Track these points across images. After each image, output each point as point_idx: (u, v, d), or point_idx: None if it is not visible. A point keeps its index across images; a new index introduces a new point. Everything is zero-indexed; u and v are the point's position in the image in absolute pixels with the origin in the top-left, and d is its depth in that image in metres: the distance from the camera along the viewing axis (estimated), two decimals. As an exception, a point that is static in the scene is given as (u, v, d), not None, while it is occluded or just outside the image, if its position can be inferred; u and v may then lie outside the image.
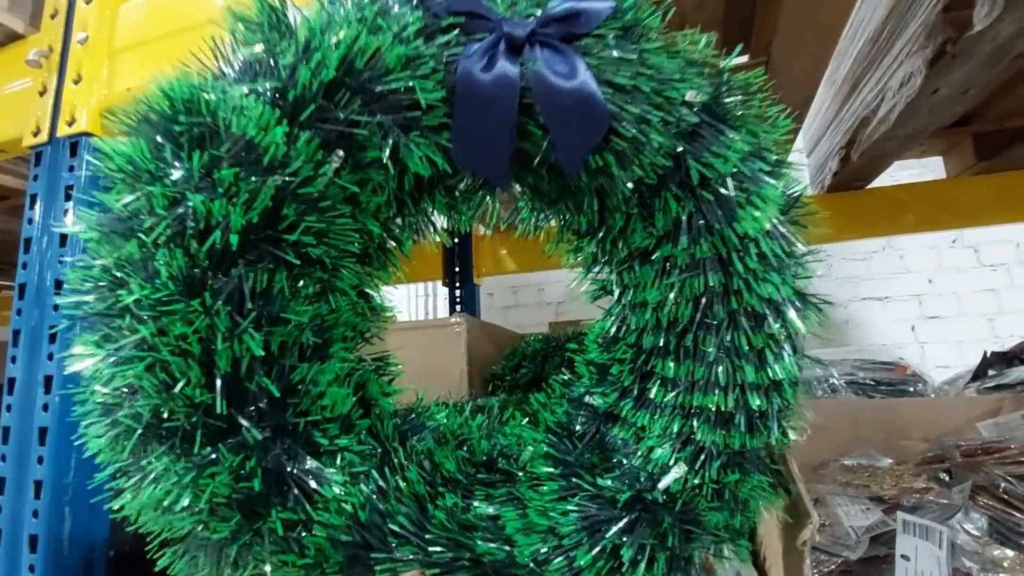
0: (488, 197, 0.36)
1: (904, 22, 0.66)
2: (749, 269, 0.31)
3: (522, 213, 0.38)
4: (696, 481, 0.32)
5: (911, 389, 1.31)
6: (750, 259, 0.31)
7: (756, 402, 0.32)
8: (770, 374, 0.32)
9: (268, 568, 0.28)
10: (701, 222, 0.32)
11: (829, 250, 1.95)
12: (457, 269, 1.44)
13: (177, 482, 0.27)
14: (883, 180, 1.14)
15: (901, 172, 1.23)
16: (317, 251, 0.30)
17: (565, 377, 0.40)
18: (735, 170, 0.31)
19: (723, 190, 0.31)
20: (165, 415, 0.27)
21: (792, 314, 0.32)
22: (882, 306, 2.00)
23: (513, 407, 0.43)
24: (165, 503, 0.27)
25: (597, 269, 0.38)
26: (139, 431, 0.27)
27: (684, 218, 0.32)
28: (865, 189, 1.16)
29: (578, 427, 0.38)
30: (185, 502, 0.26)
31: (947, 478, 0.78)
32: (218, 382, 0.27)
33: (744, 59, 0.81)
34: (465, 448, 0.37)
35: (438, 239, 0.37)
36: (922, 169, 1.35)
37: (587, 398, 0.38)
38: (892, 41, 0.73)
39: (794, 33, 0.70)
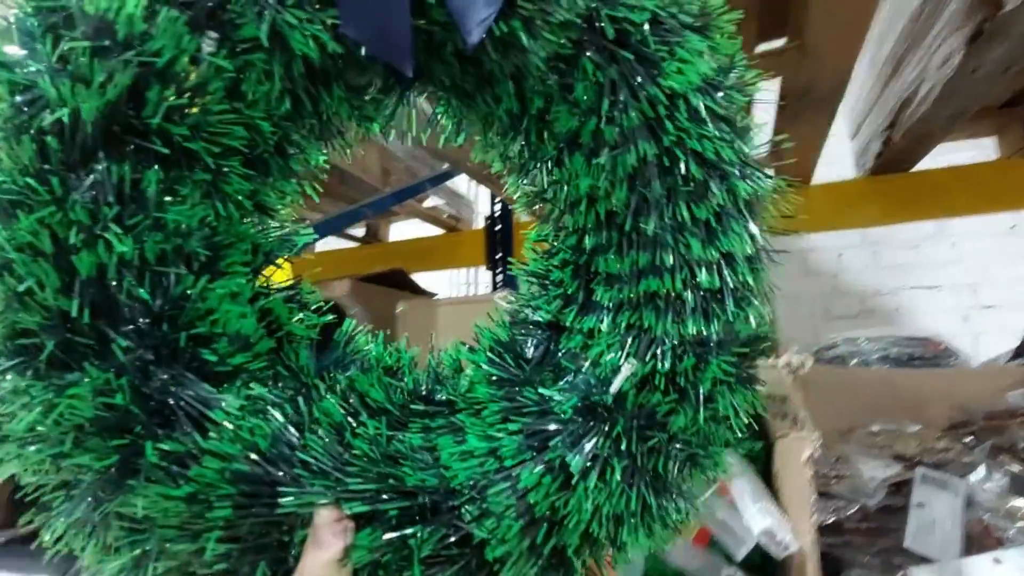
0: (402, 102, 0.33)
1: (942, 2, 0.66)
2: (681, 128, 0.28)
3: (441, 120, 0.35)
4: (646, 371, 0.28)
5: (943, 363, 1.22)
6: (680, 116, 0.28)
7: (706, 279, 0.28)
8: (719, 246, 0.28)
9: (140, 502, 0.24)
10: (624, 86, 0.29)
11: (876, 236, 1.90)
12: (499, 255, 1.43)
13: (27, 404, 0.23)
14: (934, 162, 1.10)
15: (952, 155, 1.15)
16: (194, 145, 0.27)
17: (508, 300, 0.36)
18: (651, 18, 0.28)
19: (644, 47, 0.29)
20: (11, 326, 0.23)
21: (736, 177, 0.29)
22: (932, 295, 1.88)
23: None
24: (11, 428, 0.23)
25: (526, 175, 0.35)
26: (-16, 347, 0.24)
27: (606, 84, 0.29)
28: (912, 171, 1.12)
29: (527, 350, 0.34)
30: (29, 418, 0.22)
31: (971, 441, 0.75)
32: (77, 286, 0.24)
33: (780, 42, 0.80)
34: (396, 377, 0.32)
35: (349, 151, 0.34)
36: (975, 152, 1.26)
37: (530, 314, 0.35)
38: (931, 22, 0.73)
39: (827, 14, 0.69)
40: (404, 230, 1.71)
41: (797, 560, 0.39)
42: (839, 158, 1.21)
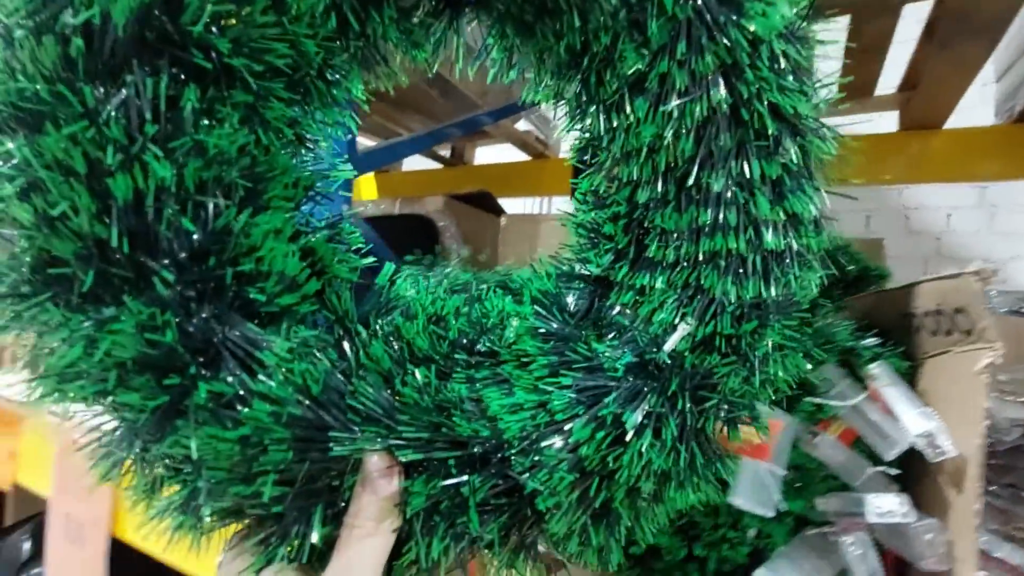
0: (452, 28, 0.31)
1: None
2: (760, 78, 0.26)
3: (492, 52, 0.32)
4: (707, 331, 0.27)
5: (1081, 322, 1.10)
6: (762, 65, 0.26)
7: (771, 239, 0.27)
8: (787, 207, 0.28)
9: (194, 444, 0.23)
10: (702, 25, 0.27)
11: (995, 197, 1.58)
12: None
13: (68, 338, 0.21)
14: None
15: None
16: (236, 61, 0.24)
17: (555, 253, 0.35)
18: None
19: (727, -14, 0.26)
20: (40, 254, 0.21)
21: (812, 134, 0.28)
22: (1046, 270, 1.50)
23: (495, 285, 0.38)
24: (51, 363, 0.21)
25: (581, 119, 0.33)
26: (14, 276, 0.22)
27: (683, 22, 0.27)
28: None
29: (570, 302, 0.33)
30: (72, 354, 0.21)
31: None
32: (114, 211, 0.22)
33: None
34: (440, 325, 0.31)
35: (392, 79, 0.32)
36: None
37: (578, 267, 0.34)
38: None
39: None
40: (489, 154, 1.62)
41: (951, 467, 0.39)
42: (973, 104, 1.00)
